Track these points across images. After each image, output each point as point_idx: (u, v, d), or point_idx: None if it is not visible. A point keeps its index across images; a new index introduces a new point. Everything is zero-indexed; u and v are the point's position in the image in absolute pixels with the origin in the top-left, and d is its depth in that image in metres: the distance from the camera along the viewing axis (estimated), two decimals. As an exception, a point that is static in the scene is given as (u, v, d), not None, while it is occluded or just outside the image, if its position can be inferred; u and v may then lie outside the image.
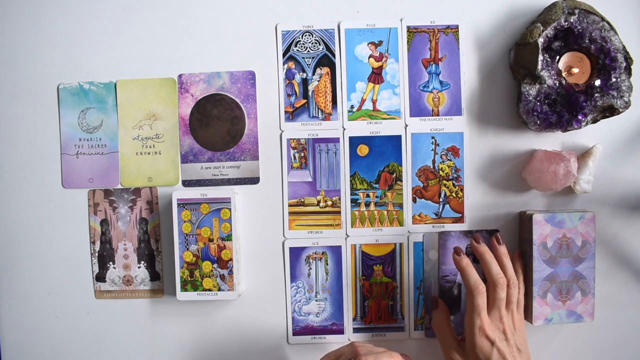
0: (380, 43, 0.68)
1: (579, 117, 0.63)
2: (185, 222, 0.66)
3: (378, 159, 0.68)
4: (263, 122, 0.68)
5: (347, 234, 0.69)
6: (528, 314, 0.65)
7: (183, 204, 0.66)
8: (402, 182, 0.68)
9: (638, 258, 0.69)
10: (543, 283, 0.65)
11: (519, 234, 0.68)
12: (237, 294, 0.67)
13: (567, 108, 0.64)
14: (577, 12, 0.63)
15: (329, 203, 0.69)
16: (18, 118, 0.69)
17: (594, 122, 0.65)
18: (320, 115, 0.68)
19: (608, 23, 0.63)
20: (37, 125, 0.69)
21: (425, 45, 0.68)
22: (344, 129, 0.68)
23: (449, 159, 0.68)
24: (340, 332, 0.69)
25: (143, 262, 0.69)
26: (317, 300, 0.69)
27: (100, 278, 0.69)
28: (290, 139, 0.68)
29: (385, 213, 0.68)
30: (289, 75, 0.68)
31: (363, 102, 0.68)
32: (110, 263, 0.69)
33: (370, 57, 0.68)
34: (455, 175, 0.68)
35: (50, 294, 0.69)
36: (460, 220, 0.68)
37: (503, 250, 0.63)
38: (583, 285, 0.65)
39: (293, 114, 0.68)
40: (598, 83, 0.63)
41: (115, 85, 0.68)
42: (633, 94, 0.64)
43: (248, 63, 0.68)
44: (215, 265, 0.66)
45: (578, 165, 0.65)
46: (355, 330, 0.69)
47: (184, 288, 0.67)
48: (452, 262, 0.68)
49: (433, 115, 0.68)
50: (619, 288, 0.69)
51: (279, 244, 0.69)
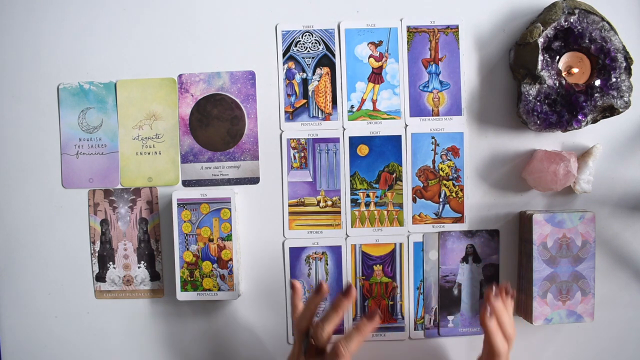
0: (380, 43, 0.68)
1: (579, 117, 0.63)
2: (185, 222, 0.66)
3: (378, 159, 0.68)
4: (263, 122, 0.68)
5: (347, 234, 0.69)
6: (528, 314, 0.65)
7: (183, 204, 0.66)
8: (402, 182, 0.68)
9: (638, 258, 0.69)
10: (543, 283, 0.65)
11: (519, 234, 0.68)
12: (237, 294, 0.67)
13: (567, 108, 0.64)
14: (577, 12, 0.63)
15: (329, 203, 0.69)
16: (18, 118, 0.69)
17: (594, 122, 0.65)
18: (320, 115, 0.68)
19: (608, 23, 0.63)
20: (37, 125, 0.69)
21: (425, 45, 0.68)
22: (344, 129, 0.68)
23: (449, 159, 0.68)
24: (341, 332, 0.69)
25: (143, 262, 0.69)
26: (317, 300, 0.69)
27: (100, 278, 0.69)
28: (290, 139, 0.68)
29: (385, 213, 0.68)
30: (289, 75, 0.68)
31: (363, 102, 0.68)
32: (110, 263, 0.69)
33: (370, 57, 0.68)
34: (455, 175, 0.68)
35: (50, 294, 0.69)
36: (460, 220, 0.68)
37: (508, 302, 0.59)
38: (583, 285, 0.65)
39: (293, 114, 0.68)
40: (598, 83, 0.63)
41: (115, 85, 0.68)
42: (633, 94, 0.64)
43: (248, 63, 0.68)
44: (215, 265, 0.66)
45: (578, 165, 0.65)
46: (355, 330, 0.69)
47: (184, 288, 0.67)
48: (452, 262, 0.68)
49: (433, 115, 0.68)
50: (619, 288, 0.69)
51: (279, 244, 0.69)
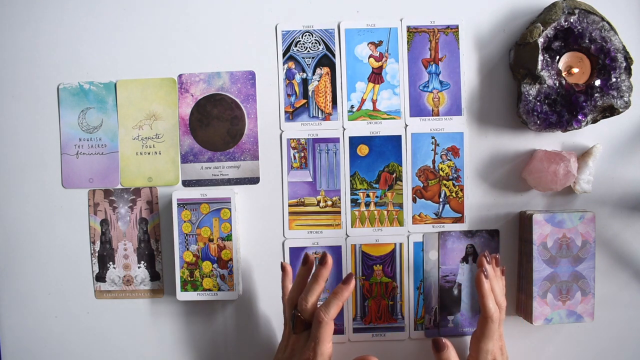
0: (380, 43, 0.68)
1: (579, 117, 0.63)
2: (185, 222, 0.66)
3: (378, 159, 0.68)
4: (263, 122, 0.68)
5: (347, 234, 0.69)
6: (528, 314, 0.65)
7: (183, 204, 0.66)
8: (402, 182, 0.68)
9: (638, 258, 0.69)
10: (543, 283, 0.65)
11: (519, 234, 0.68)
12: (237, 294, 0.67)
13: (567, 108, 0.64)
14: (577, 12, 0.63)
15: (329, 203, 0.69)
16: (18, 118, 0.69)
17: (594, 122, 0.65)
18: (320, 115, 0.68)
19: (608, 23, 0.63)
20: (37, 125, 0.69)
21: (425, 45, 0.68)
22: (344, 129, 0.68)
23: (449, 159, 0.68)
24: (341, 332, 0.69)
25: (143, 262, 0.69)
26: (317, 300, 0.69)
27: (100, 278, 0.69)
28: (290, 139, 0.68)
29: (385, 213, 0.68)
30: (289, 75, 0.68)
31: (363, 102, 0.68)
32: (110, 263, 0.69)
33: (370, 57, 0.68)
34: (455, 175, 0.68)
35: (50, 294, 0.69)
36: (460, 220, 0.68)
37: (497, 273, 0.63)
38: (583, 285, 0.65)
39: (293, 114, 0.68)
40: (598, 83, 0.63)
41: (115, 85, 0.68)
42: (633, 94, 0.64)
43: (248, 63, 0.68)
44: (215, 265, 0.66)
45: (578, 165, 0.65)
46: (355, 330, 0.69)
47: (184, 288, 0.67)
48: (452, 262, 0.68)
49: (433, 115, 0.68)
50: (619, 288, 0.69)
51: (279, 244, 0.69)
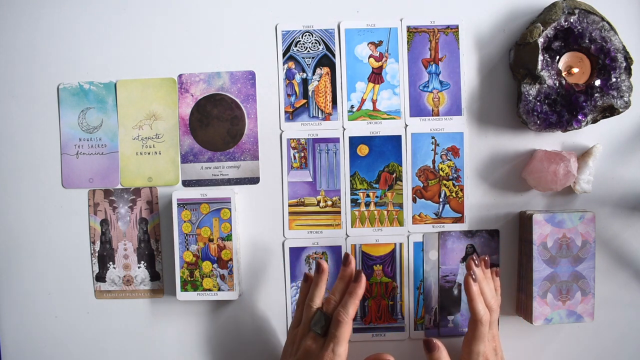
0: (380, 43, 0.68)
1: (579, 117, 0.63)
2: (185, 222, 0.66)
3: (378, 159, 0.68)
4: (263, 122, 0.68)
5: (347, 234, 0.69)
6: (528, 314, 0.65)
7: (183, 204, 0.66)
8: (402, 182, 0.68)
9: (638, 258, 0.69)
10: (543, 283, 0.65)
11: (519, 234, 0.68)
12: (237, 294, 0.67)
13: (567, 108, 0.64)
14: (577, 12, 0.63)
15: (329, 203, 0.69)
16: (18, 118, 0.69)
17: (594, 122, 0.65)
18: (320, 115, 0.68)
19: (608, 23, 0.63)
20: (37, 125, 0.69)
21: (425, 45, 0.68)
22: (344, 129, 0.68)
23: (449, 159, 0.68)
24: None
25: (143, 262, 0.69)
26: (317, 300, 0.69)
27: (100, 278, 0.69)
28: (290, 139, 0.68)
29: (385, 213, 0.68)
30: (289, 75, 0.68)
31: (363, 102, 0.68)
32: (110, 263, 0.69)
33: (370, 57, 0.68)
34: (455, 175, 0.68)
35: (50, 294, 0.69)
36: (460, 220, 0.68)
37: (488, 275, 0.63)
38: (583, 285, 0.65)
39: (293, 114, 0.68)
40: (598, 83, 0.63)
41: (115, 85, 0.68)
42: (633, 94, 0.64)
43: (248, 63, 0.68)
44: (215, 265, 0.66)
45: (578, 165, 0.65)
46: (355, 330, 0.69)
47: (184, 288, 0.67)
48: (452, 262, 0.68)
49: (433, 115, 0.68)
50: (619, 288, 0.69)
51: (279, 244, 0.69)
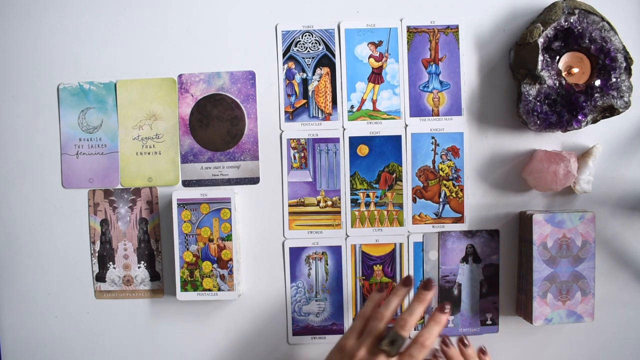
0: (380, 43, 0.68)
1: (579, 117, 0.63)
2: (185, 222, 0.66)
3: (378, 159, 0.68)
4: (263, 122, 0.68)
5: (347, 234, 0.69)
6: (528, 314, 0.65)
7: (183, 204, 0.66)
8: (402, 182, 0.68)
9: (638, 258, 0.69)
10: (543, 283, 0.65)
11: (519, 234, 0.68)
12: (237, 294, 0.67)
13: (567, 108, 0.64)
14: (577, 12, 0.63)
15: (329, 203, 0.69)
16: (18, 118, 0.69)
17: (594, 122, 0.65)
18: (320, 115, 0.68)
19: (608, 23, 0.63)
20: (37, 125, 0.69)
21: (425, 45, 0.68)
22: (344, 129, 0.68)
23: (449, 159, 0.68)
24: (340, 332, 0.69)
25: (143, 262, 0.69)
26: (317, 300, 0.69)
27: (100, 278, 0.69)
28: (290, 139, 0.68)
29: (385, 213, 0.68)
30: (289, 75, 0.68)
31: (363, 102, 0.68)
32: (110, 263, 0.69)
33: (370, 57, 0.68)
34: (455, 175, 0.68)
35: (50, 294, 0.69)
36: (460, 220, 0.68)
37: (470, 352, 0.62)
38: (583, 285, 0.65)
39: (293, 114, 0.68)
40: (598, 83, 0.63)
41: (115, 85, 0.68)
42: (633, 94, 0.64)
43: (248, 63, 0.68)
44: (215, 265, 0.66)
45: (578, 165, 0.65)
46: (355, 330, 0.69)
47: (184, 288, 0.67)
48: (452, 262, 0.68)
49: (433, 115, 0.68)
50: (619, 288, 0.69)
51: (279, 244, 0.69)
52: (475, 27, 0.68)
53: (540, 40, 0.63)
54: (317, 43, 0.68)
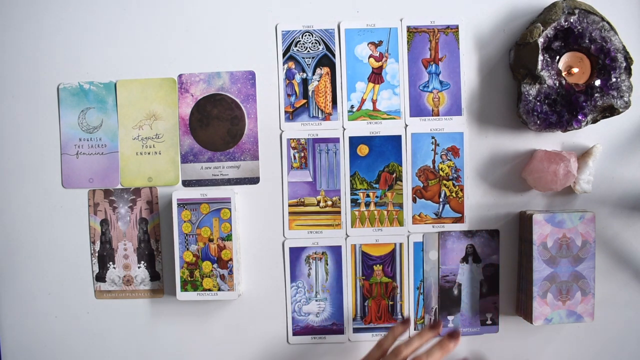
0: (380, 43, 0.68)
1: (579, 117, 0.63)
2: (185, 222, 0.66)
3: (378, 159, 0.68)
4: (263, 122, 0.68)
5: (347, 234, 0.69)
6: (528, 314, 0.65)
7: (183, 204, 0.66)
8: (402, 182, 0.68)
9: (638, 258, 0.69)
10: (543, 283, 0.65)
11: (519, 234, 0.68)
12: (237, 294, 0.67)
13: (567, 108, 0.64)
14: (577, 12, 0.63)
15: (329, 203, 0.69)
16: (18, 118, 0.69)
17: (594, 122, 0.65)
18: (320, 115, 0.68)
19: (608, 23, 0.63)
20: (37, 125, 0.69)
21: (425, 45, 0.68)
22: (344, 129, 0.68)
23: (449, 159, 0.68)
24: (340, 332, 0.69)
25: (143, 262, 0.69)
26: (317, 300, 0.69)
27: (100, 278, 0.69)
28: (290, 139, 0.68)
29: (385, 213, 0.68)
30: (289, 75, 0.68)
31: (363, 102, 0.68)
32: (110, 263, 0.69)
33: (370, 57, 0.68)
34: (455, 175, 0.68)
35: (50, 294, 0.69)
36: (460, 220, 0.68)
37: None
38: (583, 285, 0.65)
39: (293, 114, 0.68)
40: (598, 83, 0.63)
41: (115, 85, 0.68)
42: (633, 94, 0.64)
43: (248, 63, 0.68)
44: (215, 265, 0.66)
45: (578, 165, 0.65)
46: (355, 330, 0.69)
47: (184, 288, 0.67)
48: (452, 262, 0.68)
49: (433, 115, 0.68)
50: (619, 288, 0.69)
51: (279, 244, 0.69)
52: (475, 27, 0.68)
53: (540, 40, 0.63)
54: (317, 43, 0.68)
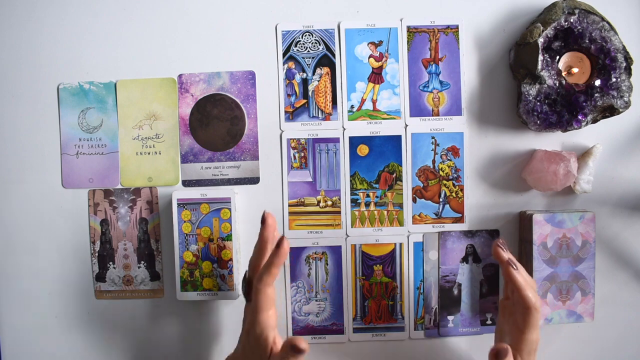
0: (380, 43, 0.68)
1: (579, 117, 0.63)
2: (185, 222, 0.66)
3: (378, 159, 0.68)
4: (263, 122, 0.68)
5: (347, 234, 0.69)
6: (528, 314, 0.65)
7: (183, 204, 0.66)
8: (402, 182, 0.68)
9: (638, 258, 0.69)
10: (543, 283, 0.65)
11: (519, 234, 0.68)
12: (237, 294, 0.67)
13: (567, 108, 0.64)
14: (577, 12, 0.63)
15: (329, 203, 0.69)
16: (18, 118, 0.69)
17: (594, 122, 0.65)
18: (320, 115, 0.68)
19: (608, 23, 0.63)
20: (37, 125, 0.69)
21: (425, 45, 0.68)
22: (344, 129, 0.68)
23: (449, 159, 0.68)
24: (340, 332, 0.69)
25: (143, 262, 0.69)
26: (317, 300, 0.69)
27: (100, 278, 0.69)
28: (290, 139, 0.68)
29: (385, 213, 0.68)
30: (289, 75, 0.68)
31: (363, 102, 0.68)
32: (110, 263, 0.69)
33: (370, 57, 0.68)
34: (455, 175, 0.68)
35: (50, 294, 0.69)
36: (460, 220, 0.68)
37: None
38: (583, 285, 0.65)
39: (293, 114, 0.68)
40: (598, 83, 0.63)
41: (115, 85, 0.68)
42: (633, 94, 0.64)
43: (248, 63, 0.68)
44: (215, 265, 0.66)
45: (578, 165, 0.65)
46: (355, 330, 0.69)
47: (184, 288, 0.67)
48: (452, 262, 0.68)
49: (433, 115, 0.68)
50: (619, 288, 0.69)
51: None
52: (475, 27, 0.68)
53: (540, 40, 0.63)
54: (317, 43, 0.68)
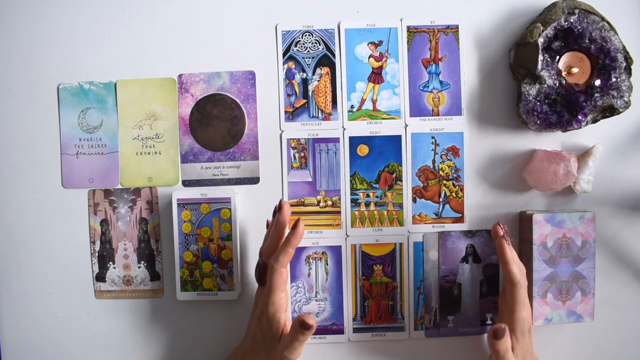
0: (380, 43, 0.68)
1: (579, 117, 0.63)
2: (185, 222, 0.66)
3: (378, 159, 0.68)
4: (263, 122, 0.68)
5: (347, 234, 0.69)
6: (528, 314, 0.65)
7: (183, 204, 0.66)
8: (402, 182, 0.68)
9: (638, 258, 0.69)
10: (543, 283, 0.65)
11: (519, 234, 0.68)
12: (237, 294, 0.67)
13: (567, 108, 0.64)
14: (577, 12, 0.63)
15: (329, 203, 0.69)
16: (18, 118, 0.69)
17: (594, 122, 0.65)
18: (320, 115, 0.68)
19: (608, 23, 0.63)
20: (37, 125, 0.69)
21: (425, 45, 0.68)
22: (344, 129, 0.68)
23: (449, 159, 0.68)
24: (340, 332, 0.69)
25: (143, 262, 0.69)
26: (317, 300, 0.69)
27: (100, 278, 0.69)
28: (290, 139, 0.68)
29: (385, 213, 0.68)
30: (289, 75, 0.68)
31: (363, 102, 0.68)
32: (110, 263, 0.69)
33: (370, 57, 0.68)
34: (455, 175, 0.68)
35: (50, 294, 0.69)
36: (460, 220, 0.68)
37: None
38: (583, 285, 0.65)
39: (293, 114, 0.68)
40: (598, 83, 0.63)
41: (115, 85, 0.68)
42: (633, 94, 0.64)
43: (248, 63, 0.68)
44: (215, 265, 0.66)
45: (578, 165, 0.65)
46: (355, 330, 0.69)
47: (184, 288, 0.67)
48: (452, 262, 0.68)
49: (433, 115, 0.68)
50: (619, 288, 0.69)
51: (279, 244, 0.69)
52: (475, 27, 0.68)
53: (540, 40, 0.63)
54: (317, 43, 0.68)
